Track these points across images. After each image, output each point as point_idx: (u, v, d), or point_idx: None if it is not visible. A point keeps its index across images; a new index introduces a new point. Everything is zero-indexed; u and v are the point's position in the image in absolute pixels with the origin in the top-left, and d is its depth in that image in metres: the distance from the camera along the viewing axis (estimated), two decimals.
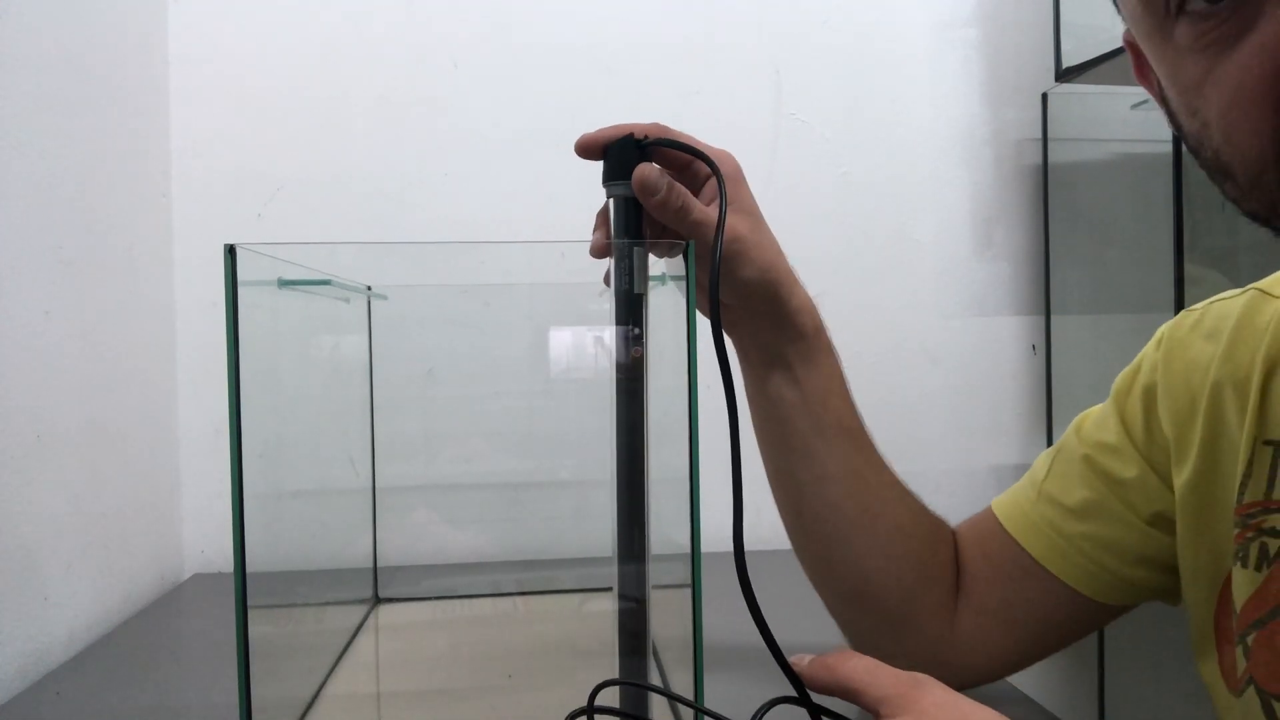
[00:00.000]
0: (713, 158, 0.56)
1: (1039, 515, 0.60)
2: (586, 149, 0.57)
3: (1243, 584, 0.50)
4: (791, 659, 0.43)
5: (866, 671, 0.40)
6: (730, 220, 0.55)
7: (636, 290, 0.55)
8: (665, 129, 0.57)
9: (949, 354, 1.26)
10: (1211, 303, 0.58)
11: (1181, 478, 0.55)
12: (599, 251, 0.57)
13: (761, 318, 0.60)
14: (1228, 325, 0.54)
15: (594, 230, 0.59)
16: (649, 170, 0.54)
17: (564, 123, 0.58)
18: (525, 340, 0.92)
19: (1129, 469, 0.58)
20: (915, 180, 1.25)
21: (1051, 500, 0.60)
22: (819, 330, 0.62)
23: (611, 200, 0.57)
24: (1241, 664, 0.50)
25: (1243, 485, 0.51)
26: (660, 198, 0.54)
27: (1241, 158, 0.39)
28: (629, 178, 0.55)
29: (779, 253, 0.60)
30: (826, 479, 0.62)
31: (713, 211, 0.56)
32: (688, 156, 0.57)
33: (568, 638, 0.83)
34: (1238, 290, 0.56)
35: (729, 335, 0.61)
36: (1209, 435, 0.53)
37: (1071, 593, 0.59)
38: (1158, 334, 0.60)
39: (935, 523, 0.65)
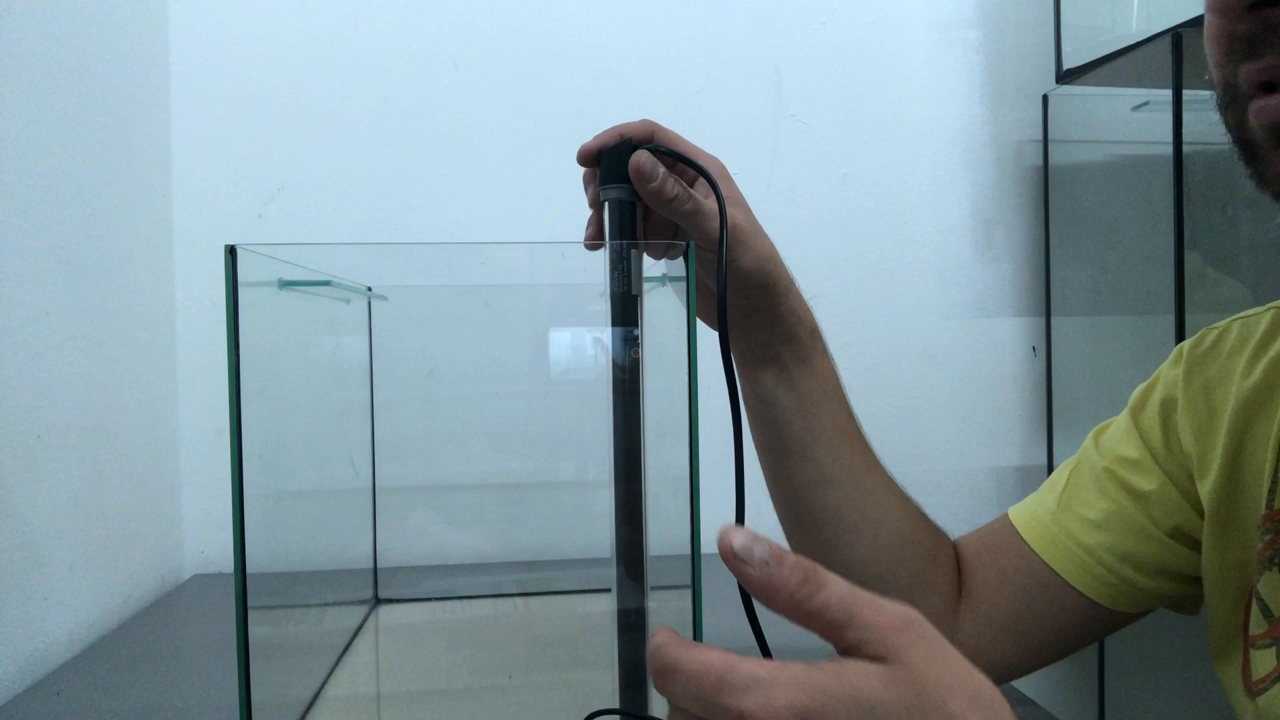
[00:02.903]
0: (698, 157, 0.57)
1: (1059, 527, 0.60)
2: (587, 158, 0.57)
3: (1277, 589, 0.50)
4: (735, 543, 0.32)
5: (842, 604, 0.31)
6: (728, 211, 0.56)
7: (633, 292, 0.55)
8: (655, 126, 0.57)
9: (950, 355, 1.26)
10: (1233, 320, 0.58)
11: (1206, 489, 0.55)
12: (595, 245, 0.58)
13: (757, 315, 0.60)
14: (1250, 342, 0.55)
15: (588, 224, 0.59)
16: (645, 157, 0.54)
17: (564, 123, 0.58)
18: (525, 341, 0.92)
19: (1150, 482, 0.58)
20: (916, 181, 1.25)
21: (1072, 512, 0.60)
22: (814, 333, 0.62)
23: (606, 203, 0.57)
24: (1268, 665, 0.50)
25: (1270, 492, 0.51)
26: (656, 185, 0.54)
27: (1219, 81, 0.42)
28: (624, 181, 0.55)
29: (775, 249, 0.60)
30: (823, 483, 0.62)
31: (709, 203, 0.56)
32: (675, 159, 0.57)
33: (567, 639, 0.83)
34: (1260, 309, 0.57)
35: (720, 336, 0.61)
36: (1232, 448, 0.54)
37: (1088, 603, 0.59)
38: (1175, 351, 0.60)
39: (934, 531, 0.65)
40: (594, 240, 0.58)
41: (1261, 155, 0.41)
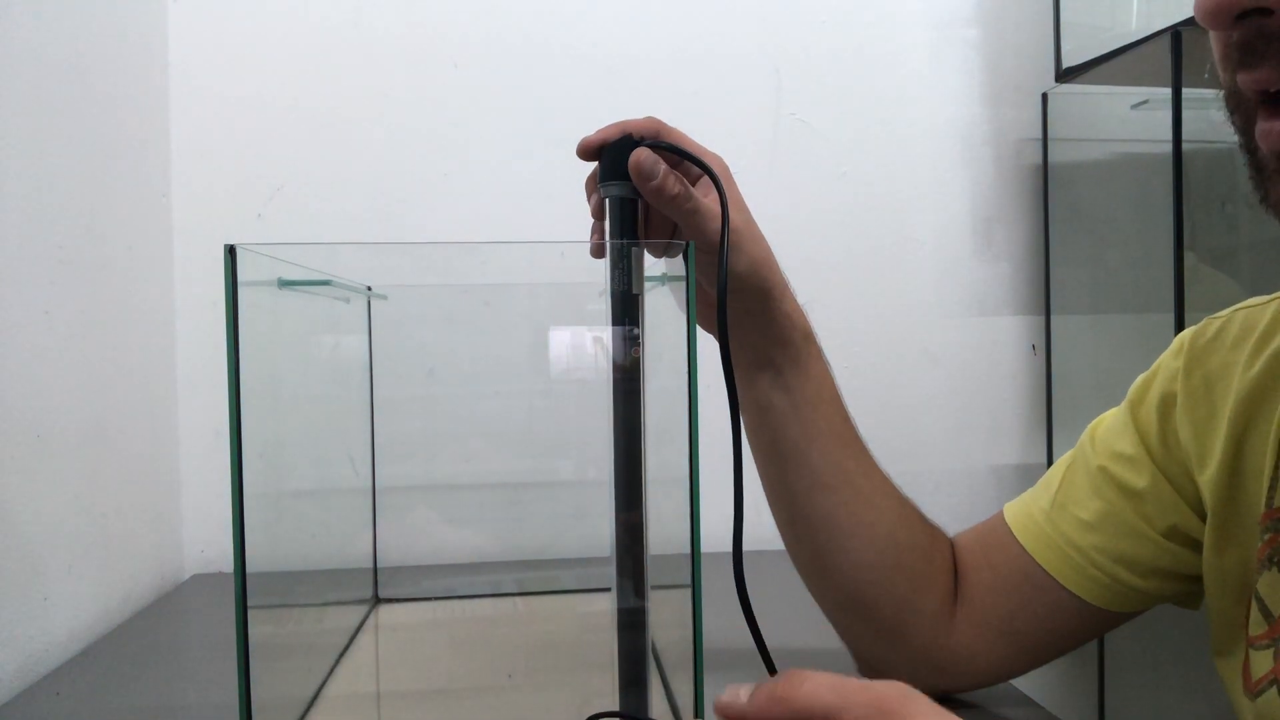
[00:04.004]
0: (701, 156, 0.57)
1: (1053, 528, 0.60)
2: (586, 151, 0.57)
3: (1277, 589, 0.49)
4: (723, 698, 0.33)
5: (833, 690, 0.31)
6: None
7: (633, 291, 0.55)
8: (659, 124, 0.57)
9: (949, 354, 1.26)
10: (1236, 310, 0.57)
11: (1207, 486, 0.54)
12: (600, 252, 0.58)
13: (751, 318, 0.60)
14: (1253, 334, 0.54)
15: (592, 233, 0.59)
16: (645, 155, 0.54)
17: (564, 123, 0.58)
18: (525, 340, 0.92)
19: (1143, 479, 0.57)
20: (915, 180, 1.25)
21: (1065, 512, 0.60)
22: (808, 336, 0.62)
23: (607, 200, 0.57)
24: (1265, 666, 0.49)
25: (1270, 490, 0.50)
26: (657, 183, 0.54)
27: (1224, 83, 0.41)
28: (624, 178, 0.55)
29: (770, 253, 0.60)
30: (818, 488, 0.62)
31: (710, 202, 0.56)
32: (678, 156, 0.57)
33: (567, 638, 0.83)
34: (1265, 298, 0.56)
35: (719, 339, 0.61)
36: (1234, 443, 0.53)
37: (1082, 604, 0.58)
38: (1176, 341, 0.59)
39: (931, 531, 0.65)
40: (599, 245, 0.58)
41: (1267, 176, 0.41)
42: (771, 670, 0.53)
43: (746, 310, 0.59)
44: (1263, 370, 0.52)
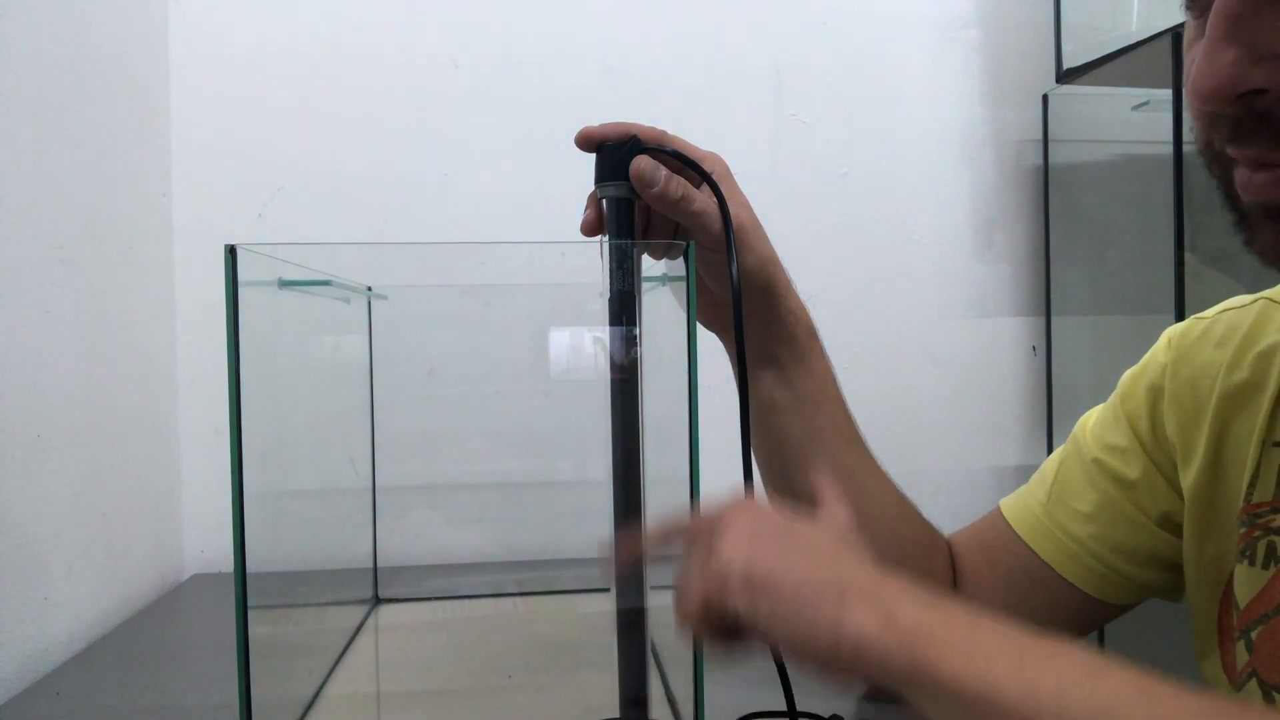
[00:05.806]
0: (701, 159, 0.57)
1: (1051, 520, 0.61)
2: (587, 141, 0.57)
3: (1247, 581, 0.51)
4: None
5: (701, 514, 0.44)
6: (731, 210, 0.56)
7: (631, 291, 0.55)
8: (664, 133, 0.57)
9: (949, 355, 1.26)
10: (1222, 311, 0.58)
11: (1188, 481, 0.55)
12: (589, 229, 0.58)
13: (756, 315, 0.60)
14: (1238, 335, 0.55)
15: (585, 209, 0.59)
16: (645, 162, 0.55)
17: (564, 123, 0.58)
18: (525, 340, 0.92)
19: (1136, 470, 0.58)
20: (916, 181, 1.25)
21: (1063, 504, 0.61)
22: (811, 333, 0.62)
23: (604, 201, 0.57)
24: (1243, 658, 0.50)
25: (1250, 486, 0.52)
26: (658, 189, 0.54)
27: (1199, 136, 0.42)
28: (620, 178, 0.55)
29: (774, 251, 0.60)
30: None
31: (714, 203, 0.56)
32: (680, 161, 0.57)
33: (567, 638, 0.83)
34: (1248, 299, 0.57)
35: (720, 338, 0.61)
36: (1215, 440, 0.54)
37: (1081, 595, 0.59)
38: (1165, 337, 0.60)
39: (929, 529, 0.65)
40: (591, 225, 0.58)
41: (1252, 224, 0.41)
42: (783, 672, 0.53)
43: (751, 307, 0.60)
44: (1249, 372, 0.54)
